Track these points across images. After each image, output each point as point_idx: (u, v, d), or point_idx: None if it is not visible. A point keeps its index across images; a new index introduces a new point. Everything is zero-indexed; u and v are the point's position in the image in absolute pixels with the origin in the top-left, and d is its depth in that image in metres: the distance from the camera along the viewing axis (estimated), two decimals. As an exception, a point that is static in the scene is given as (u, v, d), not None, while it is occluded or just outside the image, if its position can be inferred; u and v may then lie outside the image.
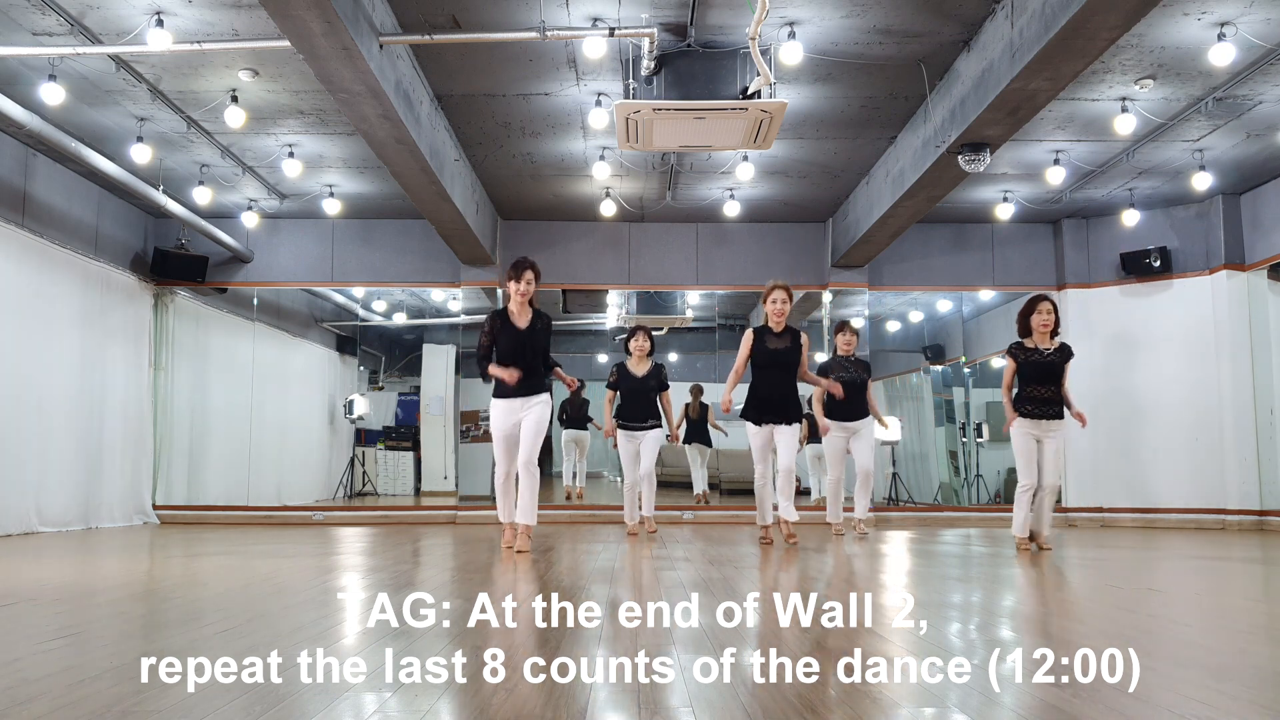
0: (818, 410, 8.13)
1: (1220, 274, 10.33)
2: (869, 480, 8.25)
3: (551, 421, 15.38)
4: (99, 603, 4.10)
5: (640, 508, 8.29)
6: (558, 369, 6.59)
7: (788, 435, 6.90)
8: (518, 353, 6.25)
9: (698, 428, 11.50)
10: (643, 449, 8.17)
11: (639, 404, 8.15)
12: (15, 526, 8.33)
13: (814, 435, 12.01)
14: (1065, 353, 6.82)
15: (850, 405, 8.04)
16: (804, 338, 7.01)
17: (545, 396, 6.36)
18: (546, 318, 6.44)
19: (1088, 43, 5.62)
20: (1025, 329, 6.86)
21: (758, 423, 6.96)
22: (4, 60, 6.92)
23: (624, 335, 8.45)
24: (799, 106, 7.90)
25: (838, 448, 8.26)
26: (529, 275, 6.28)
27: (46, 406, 8.84)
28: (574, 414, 12.48)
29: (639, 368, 8.21)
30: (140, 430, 10.50)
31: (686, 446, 11.80)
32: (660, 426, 8.23)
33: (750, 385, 7.08)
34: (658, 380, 8.23)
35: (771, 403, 6.93)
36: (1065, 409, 6.76)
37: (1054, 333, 6.82)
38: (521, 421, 6.27)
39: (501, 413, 6.29)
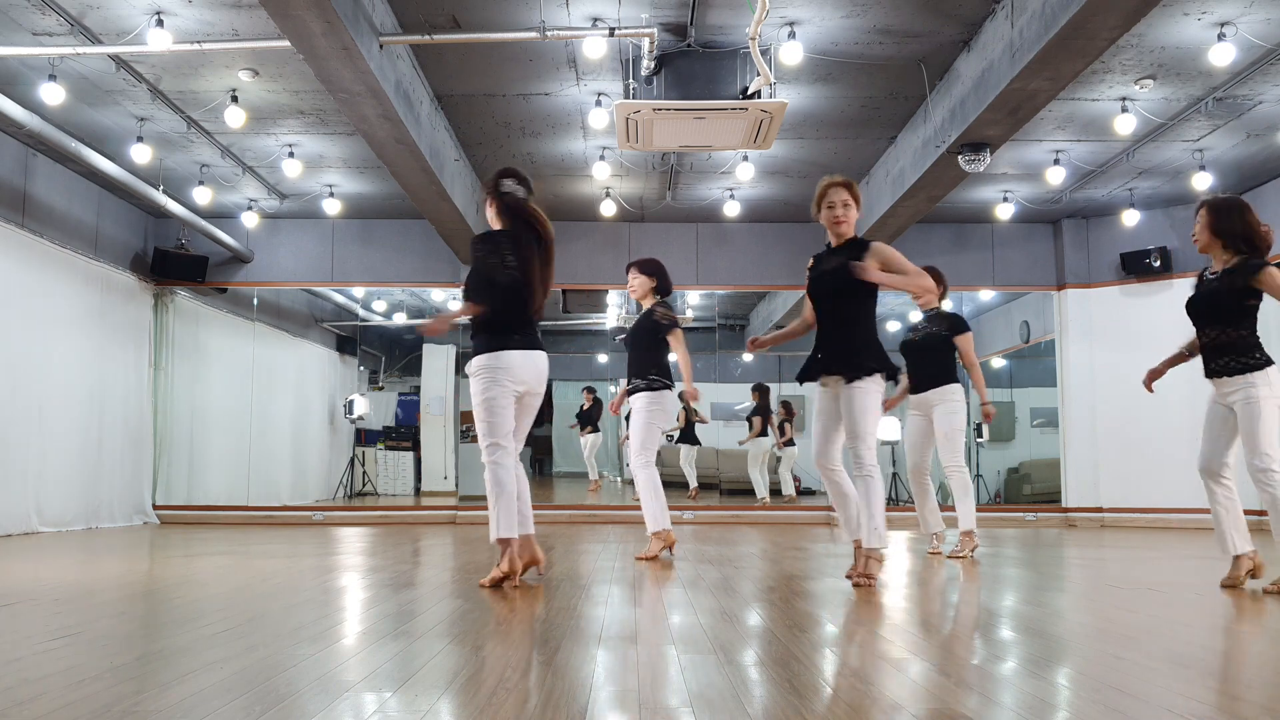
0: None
1: (1220, 274, 10.33)
2: (928, 475, 6.46)
3: (552, 422, 15.43)
4: (99, 603, 4.10)
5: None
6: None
7: (855, 397, 4.50)
8: (530, 289, 4.67)
9: (687, 429, 11.97)
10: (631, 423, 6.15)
11: (630, 358, 6.27)
12: (15, 526, 8.33)
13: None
14: (1248, 269, 4.55)
15: (925, 371, 6.27)
16: (875, 246, 4.61)
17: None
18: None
19: (1088, 43, 5.62)
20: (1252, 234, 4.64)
21: (803, 379, 4.77)
22: (4, 60, 6.92)
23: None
24: (799, 106, 7.91)
25: (917, 428, 6.40)
26: (508, 184, 4.76)
27: (46, 406, 8.84)
28: (587, 418, 12.69)
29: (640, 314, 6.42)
30: (140, 430, 10.49)
31: (679, 446, 12.06)
32: (645, 390, 6.06)
33: None
34: (649, 322, 6.18)
35: (825, 349, 4.66)
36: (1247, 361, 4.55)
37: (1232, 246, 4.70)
38: (528, 391, 4.66)
39: (517, 366, 4.54)
